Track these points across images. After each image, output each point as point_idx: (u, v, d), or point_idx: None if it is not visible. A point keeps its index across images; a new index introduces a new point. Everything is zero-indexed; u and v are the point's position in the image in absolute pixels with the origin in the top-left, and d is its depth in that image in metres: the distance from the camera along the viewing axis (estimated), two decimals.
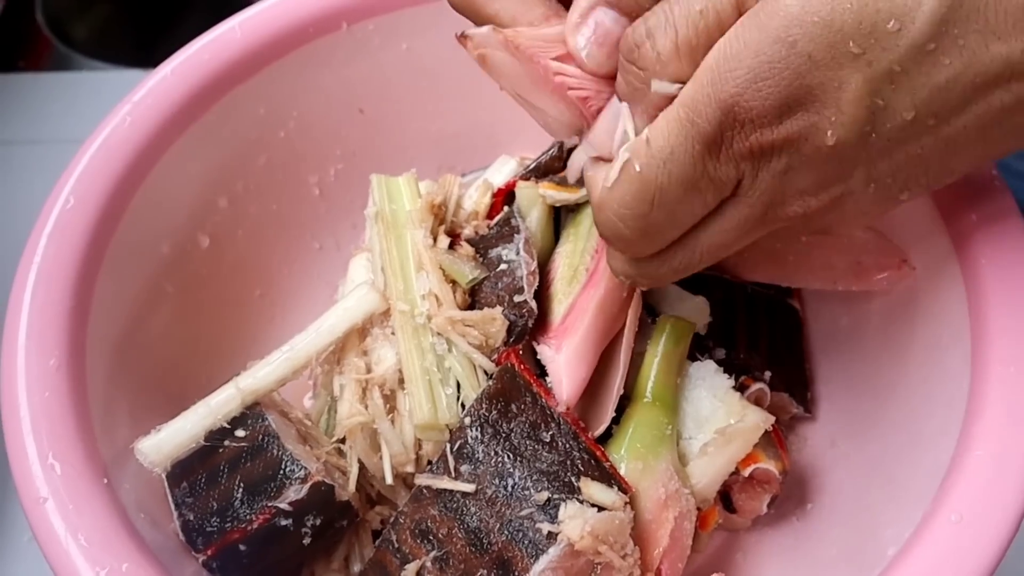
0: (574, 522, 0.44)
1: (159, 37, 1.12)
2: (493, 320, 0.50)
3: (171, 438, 0.47)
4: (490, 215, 0.58)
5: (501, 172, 0.59)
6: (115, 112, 0.54)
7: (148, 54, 1.05)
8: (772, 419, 0.52)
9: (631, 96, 0.40)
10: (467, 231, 0.57)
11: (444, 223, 0.56)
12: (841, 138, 0.37)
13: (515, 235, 0.53)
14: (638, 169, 0.39)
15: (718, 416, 0.52)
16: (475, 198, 0.57)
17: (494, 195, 0.58)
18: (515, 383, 0.48)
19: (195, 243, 0.58)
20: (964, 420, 0.44)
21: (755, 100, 0.36)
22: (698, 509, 0.51)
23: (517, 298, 0.50)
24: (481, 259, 0.54)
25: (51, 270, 0.49)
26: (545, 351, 0.50)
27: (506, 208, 0.57)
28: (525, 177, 0.57)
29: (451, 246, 0.55)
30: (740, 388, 0.53)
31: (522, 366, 0.49)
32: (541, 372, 0.50)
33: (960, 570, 0.40)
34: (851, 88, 0.36)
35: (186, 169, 0.56)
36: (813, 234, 0.47)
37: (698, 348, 0.55)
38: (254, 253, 0.62)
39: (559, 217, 0.57)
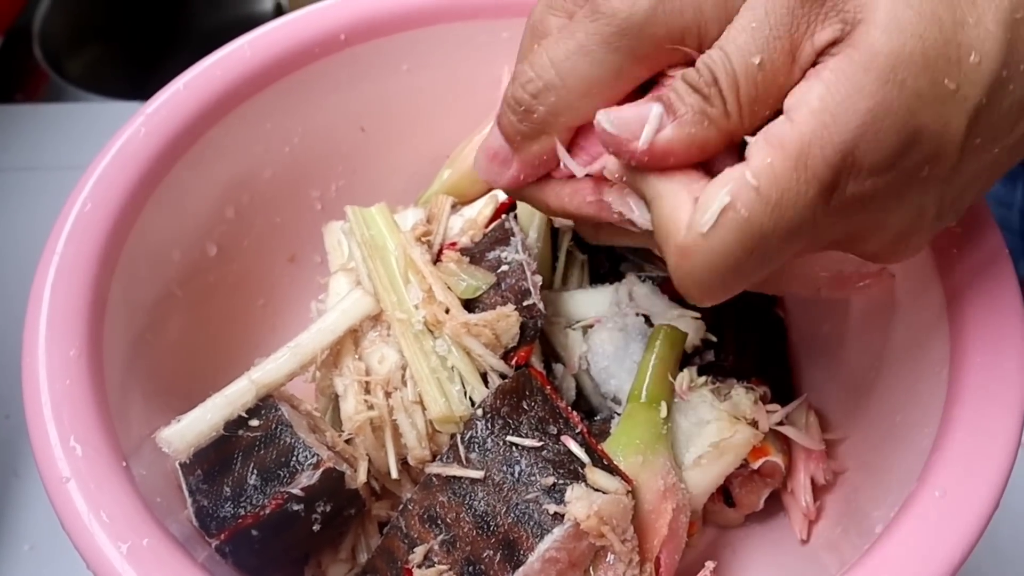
0: (580, 503, 0.45)
1: (148, 72, 1.15)
2: (507, 318, 0.51)
3: (192, 427, 0.48)
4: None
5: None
6: (130, 123, 0.56)
7: (138, 88, 1.08)
8: (761, 435, 0.54)
9: (692, 122, 0.37)
10: (463, 240, 0.59)
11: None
12: (938, 175, 0.37)
13: (511, 237, 0.55)
14: (744, 215, 0.35)
15: (711, 431, 0.54)
16: (478, 208, 0.59)
17: (497, 208, 0.60)
18: (530, 383, 0.50)
19: (204, 251, 0.60)
20: (944, 408, 0.46)
21: (874, 143, 0.35)
22: None
23: (526, 301, 0.52)
24: (477, 263, 0.56)
25: (70, 267, 0.50)
26: None
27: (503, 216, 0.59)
28: None
29: (436, 261, 0.56)
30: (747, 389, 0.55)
31: (537, 372, 0.51)
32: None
33: (945, 541, 0.42)
34: (953, 127, 0.36)
35: (195, 179, 0.58)
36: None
37: (690, 353, 0.58)
38: (258, 264, 0.64)
39: (556, 234, 0.60)
